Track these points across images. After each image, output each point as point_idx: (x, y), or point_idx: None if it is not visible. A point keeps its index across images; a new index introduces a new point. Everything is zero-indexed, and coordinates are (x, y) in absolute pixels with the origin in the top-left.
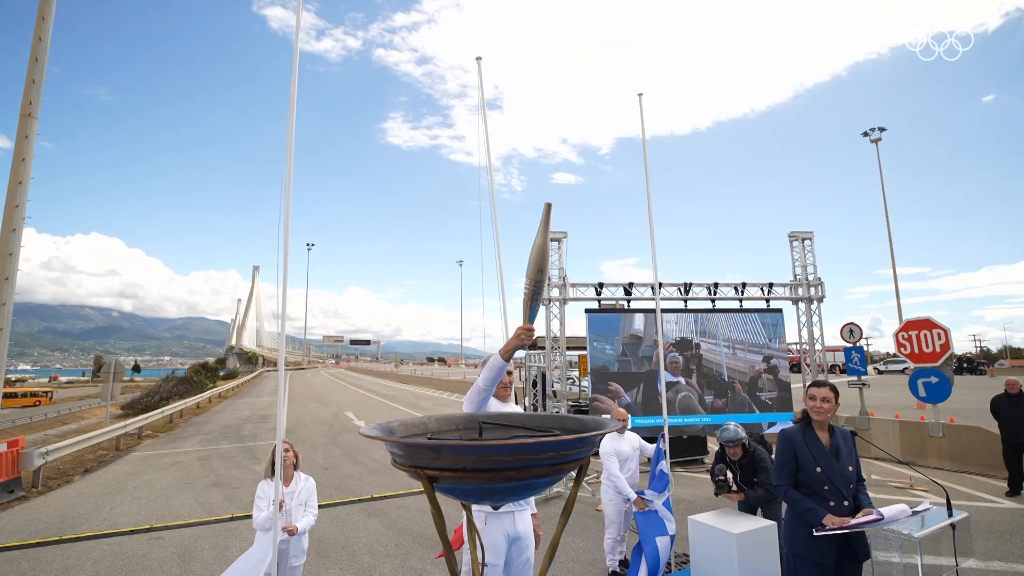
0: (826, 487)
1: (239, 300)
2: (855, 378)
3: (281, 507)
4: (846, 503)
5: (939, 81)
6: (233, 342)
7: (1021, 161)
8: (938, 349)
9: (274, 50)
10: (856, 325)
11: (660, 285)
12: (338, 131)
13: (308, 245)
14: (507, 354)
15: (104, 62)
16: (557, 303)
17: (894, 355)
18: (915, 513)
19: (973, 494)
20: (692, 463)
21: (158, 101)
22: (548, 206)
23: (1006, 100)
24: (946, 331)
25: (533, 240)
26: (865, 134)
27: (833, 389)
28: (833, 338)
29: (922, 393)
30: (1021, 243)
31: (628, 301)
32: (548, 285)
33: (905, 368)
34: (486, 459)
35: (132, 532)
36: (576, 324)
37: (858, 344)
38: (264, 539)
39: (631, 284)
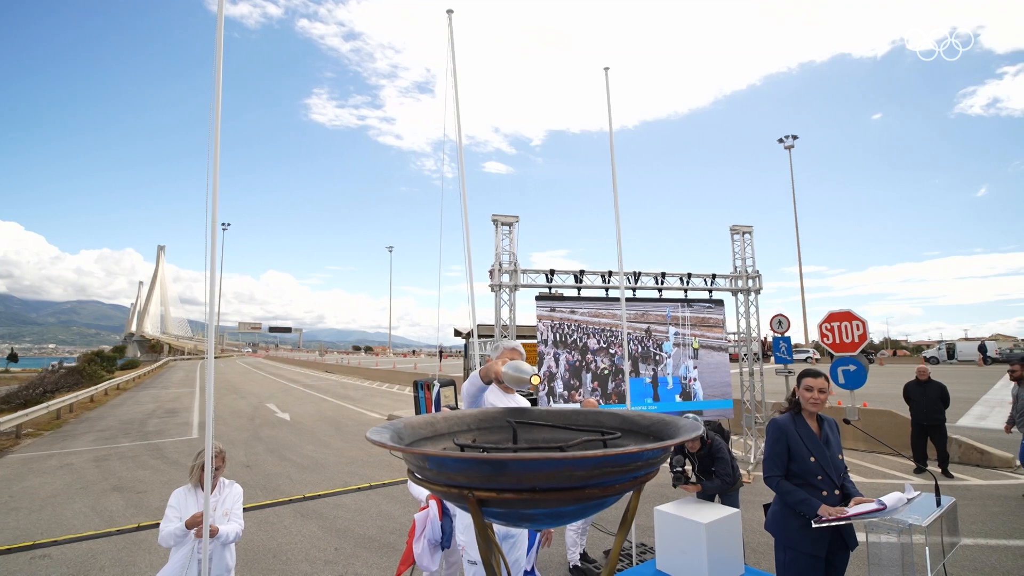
0: (819, 476)
1: (140, 283)
2: (782, 366)
3: (190, 526)
4: (837, 492)
5: (838, 98)
6: (133, 328)
7: (900, 174)
8: (856, 339)
9: (179, 10)
10: (784, 316)
11: (610, 274)
12: (255, 103)
13: (223, 225)
14: (484, 377)
15: None
16: (508, 289)
17: (796, 345)
18: (909, 500)
19: (885, 471)
20: None
21: (37, 57)
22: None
23: (891, 120)
24: (864, 322)
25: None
26: (780, 140)
27: (828, 379)
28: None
29: (841, 380)
30: (897, 247)
31: (579, 289)
32: (499, 271)
33: (808, 358)
34: (564, 474)
35: (9, 550)
36: (526, 313)
37: (786, 334)
38: (177, 556)
39: (582, 272)
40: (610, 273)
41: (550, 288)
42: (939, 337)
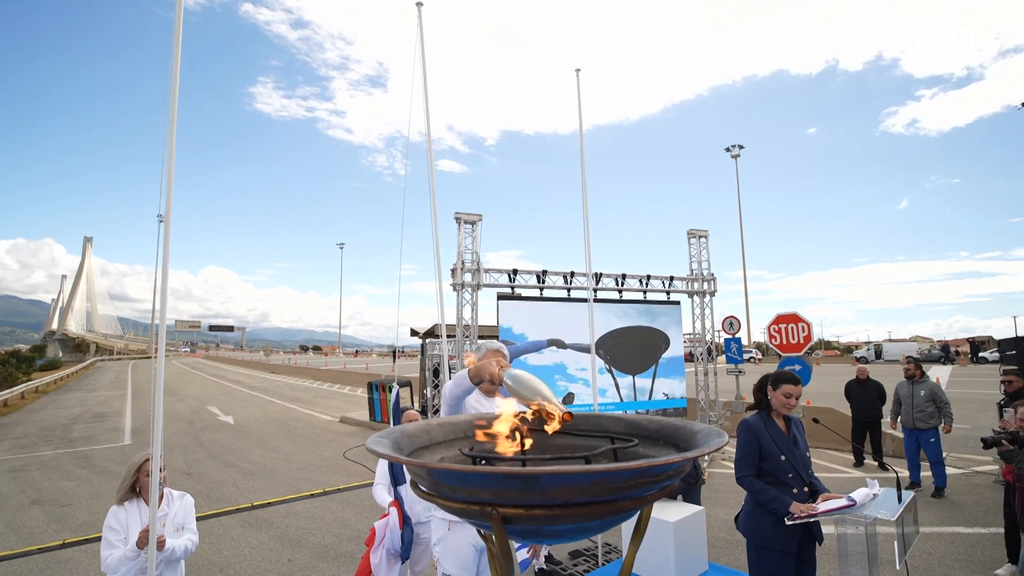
0: (790, 474)
1: (63, 276)
2: (733, 366)
3: (142, 545)
4: (806, 489)
5: (777, 111)
6: (55, 326)
7: (832, 185)
8: (802, 340)
9: None
10: (735, 318)
11: (572, 275)
12: (194, 88)
13: (159, 217)
14: (474, 378)
15: None
16: (470, 289)
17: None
18: (874, 496)
19: (828, 466)
20: None
21: None
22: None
23: (824, 134)
24: (809, 324)
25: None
26: (727, 150)
27: (800, 383)
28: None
29: None
30: (830, 254)
31: (541, 290)
32: (461, 270)
33: (751, 358)
34: (599, 487)
35: None
36: (486, 313)
37: (736, 335)
38: None
39: (544, 272)
40: (572, 274)
41: (512, 288)
42: (867, 338)
